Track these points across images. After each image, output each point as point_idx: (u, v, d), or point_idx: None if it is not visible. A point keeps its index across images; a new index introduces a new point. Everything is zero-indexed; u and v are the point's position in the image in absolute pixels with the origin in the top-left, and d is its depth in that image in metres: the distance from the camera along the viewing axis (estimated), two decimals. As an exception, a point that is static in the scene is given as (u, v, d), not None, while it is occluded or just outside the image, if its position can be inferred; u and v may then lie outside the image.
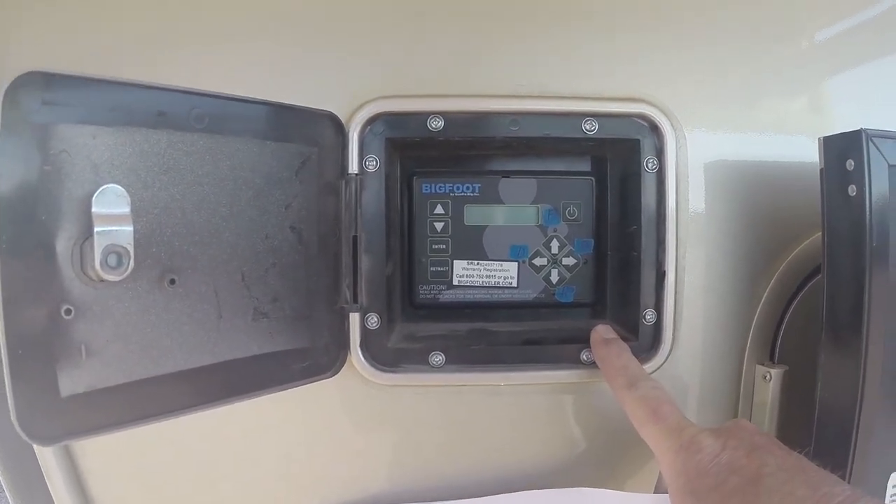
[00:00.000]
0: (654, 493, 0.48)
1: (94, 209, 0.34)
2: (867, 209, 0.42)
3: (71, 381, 0.35)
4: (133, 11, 0.47)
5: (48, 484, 0.50)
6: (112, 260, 0.35)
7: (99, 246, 0.34)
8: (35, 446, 0.49)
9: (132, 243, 0.36)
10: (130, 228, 0.36)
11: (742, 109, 0.52)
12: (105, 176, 0.36)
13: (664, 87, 0.50)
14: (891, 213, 0.43)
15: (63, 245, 0.34)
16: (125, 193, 0.36)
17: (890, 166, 0.43)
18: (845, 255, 0.44)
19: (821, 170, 0.45)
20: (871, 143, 0.43)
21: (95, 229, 0.34)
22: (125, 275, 0.35)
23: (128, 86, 0.37)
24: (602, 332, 0.50)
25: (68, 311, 0.35)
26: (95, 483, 0.51)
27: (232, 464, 0.52)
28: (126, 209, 0.36)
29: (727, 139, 0.52)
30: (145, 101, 0.37)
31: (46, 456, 0.50)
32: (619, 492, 0.50)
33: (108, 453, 0.51)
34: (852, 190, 0.43)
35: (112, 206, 0.35)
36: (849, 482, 0.44)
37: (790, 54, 0.53)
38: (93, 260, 0.34)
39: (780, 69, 0.53)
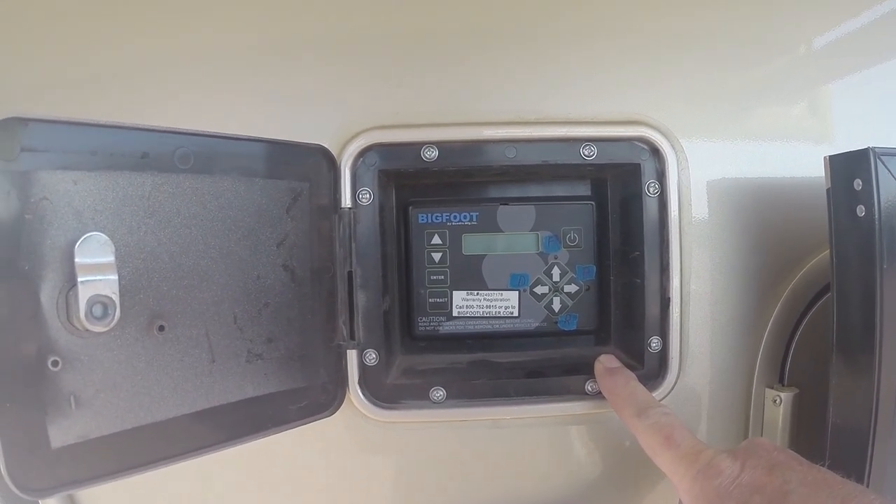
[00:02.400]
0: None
1: (77, 259, 0.34)
2: (877, 230, 0.41)
3: (61, 433, 0.34)
4: (115, 46, 0.46)
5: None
6: (97, 310, 0.34)
7: (83, 296, 0.34)
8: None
9: (118, 292, 0.35)
10: (115, 277, 0.35)
11: (743, 126, 0.51)
12: (88, 222, 0.35)
13: (663, 107, 0.49)
14: (901, 234, 0.42)
15: (47, 295, 0.34)
16: (108, 241, 0.35)
17: (899, 185, 0.42)
18: (855, 277, 0.43)
19: (827, 189, 0.44)
20: (879, 162, 0.41)
21: (79, 279, 0.33)
22: (111, 325, 0.35)
23: (109, 128, 0.36)
24: (605, 361, 0.49)
25: (55, 363, 0.34)
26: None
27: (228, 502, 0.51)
28: (110, 257, 0.35)
29: (729, 158, 0.50)
30: (127, 142, 0.36)
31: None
32: None
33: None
34: (861, 210, 0.42)
35: (95, 254, 0.34)
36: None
37: (788, 66, 0.52)
38: (78, 311, 0.33)
39: (780, 81, 0.52)
